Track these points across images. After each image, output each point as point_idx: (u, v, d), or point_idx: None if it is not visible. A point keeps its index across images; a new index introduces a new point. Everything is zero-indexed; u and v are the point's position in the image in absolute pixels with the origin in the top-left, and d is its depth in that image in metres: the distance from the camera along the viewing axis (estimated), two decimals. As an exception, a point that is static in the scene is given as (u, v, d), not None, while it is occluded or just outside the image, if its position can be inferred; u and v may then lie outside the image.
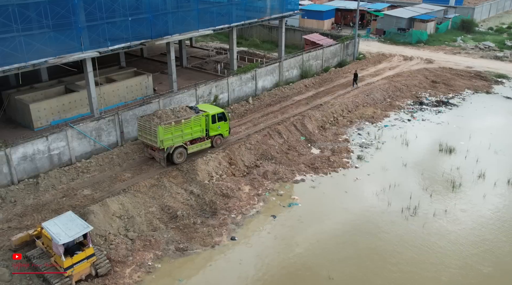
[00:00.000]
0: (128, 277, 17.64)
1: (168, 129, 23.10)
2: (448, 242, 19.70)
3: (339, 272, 17.87)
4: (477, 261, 18.55)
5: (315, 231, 20.46)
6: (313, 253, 19.08)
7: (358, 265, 18.35)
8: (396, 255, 18.95)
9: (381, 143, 28.94)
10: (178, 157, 24.15)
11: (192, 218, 21.04)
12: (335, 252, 19.17)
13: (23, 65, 23.49)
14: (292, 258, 18.78)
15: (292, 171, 25.33)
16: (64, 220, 16.92)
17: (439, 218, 21.48)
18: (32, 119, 26.89)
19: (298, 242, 19.74)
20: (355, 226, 20.89)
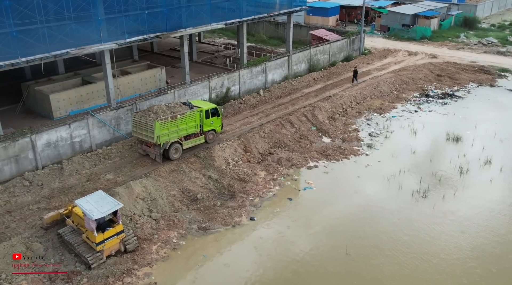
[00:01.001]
0: (155, 253, 18.65)
1: (164, 125, 23.13)
2: (458, 224, 20.74)
3: (356, 249, 18.90)
4: (486, 239, 19.60)
5: (330, 212, 21.51)
6: (330, 231, 20.13)
7: (373, 243, 19.39)
8: (409, 234, 19.98)
9: (389, 132, 30.01)
10: (174, 153, 24.19)
11: (211, 200, 22.07)
12: (351, 231, 20.20)
13: (45, 56, 24.44)
14: (310, 236, 19.82)
15: (305, 158, 26.38)
16: (95, 198, 17.95)
17: (448, 200, 22.52)
18: (52, 109, 27.88)
19: (315, 222, 20.79)
20: (368, 207, 21.95)
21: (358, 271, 17.71)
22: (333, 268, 17.92)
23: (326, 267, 18.04)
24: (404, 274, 17.54)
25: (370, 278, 17.37)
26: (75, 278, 17.12)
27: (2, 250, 17.47)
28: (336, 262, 18.26)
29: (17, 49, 23.14)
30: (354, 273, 17.58)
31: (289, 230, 20.29)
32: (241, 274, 17.71)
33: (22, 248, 17.83)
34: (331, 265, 18.12)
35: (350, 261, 18.26)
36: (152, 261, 18.16)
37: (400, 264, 18.09)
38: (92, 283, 16.98)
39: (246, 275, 17.64)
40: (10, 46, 22.84)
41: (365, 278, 17.38)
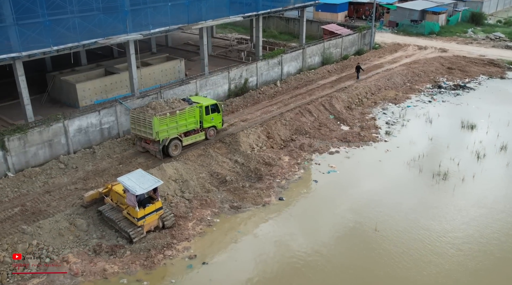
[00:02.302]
0: (191, 229, 19.66)
1: (163, 121, 22.93)
2: (478, 204, 21.77)
3: (383, 226, 19.94)
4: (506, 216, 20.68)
5: (355, 192, 22.57)
6: (357, 210, 21.17)
7: (399, 220, 20.45)
8: (433, 212, 21.05)
9: (406, 121, 31.08)
10: (174, 149, 23.99)
11: (240, 182, 23.10)
12: (377, 209, 21.24)
13: (75, 45, 25.51)
14: (338, 214, 20.88)
15: (326, 144, 27.43)
16: (136, 175, 18.97)
17: (468, 182, 23.56)
18: (78, 98, 28.88)
19: (341, 201, 21.85)
20: (391, 188, 23.01)
21: (388, 246, 18.69)
22: (363, 244, 18.89)
23: (355, 241, 19.04)
24: (426, 249, 18.58)
25: (399, 252, 18.37)
26: (119, 251, 18.12)
27: (47, 225, 18.46)
28: (366, 236, 19.27)
29: (50, 38, 24.18)
30: (385, 248, 18.58)
31: (317, 209, 21.33)
32: (274, 249, 18.72)
33: (66, 224, 18.84)
34: (361, 240, 19.11)
35: (379, 237, 19.27)
36: (189, 236, 19.17)
37: (423, 241, 19.09)
38: (135, 255, 17.97)
39: (280, 249, 18.64)
40: (43, 35, 23.88)
41: (395, 252, 18.37)
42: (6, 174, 22.26)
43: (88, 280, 16.79)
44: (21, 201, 20.46)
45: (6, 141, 22.07)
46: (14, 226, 18.65)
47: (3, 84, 31.64)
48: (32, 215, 19.48)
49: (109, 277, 16.91)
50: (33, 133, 23.20)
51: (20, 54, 23.27)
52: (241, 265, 17.76)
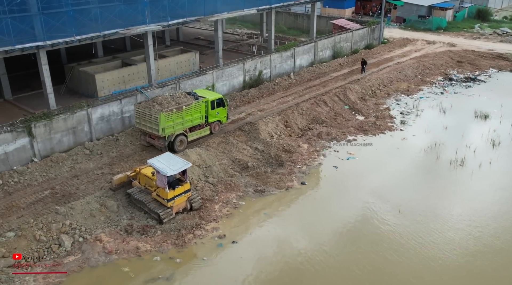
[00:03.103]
0: (218, 211, 20.24)
1: (169, 117, 22.58)
2: (497, 187, 22.37)
3: (407, 207, 20.55)
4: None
5: (376, 177, 23.21)
6: (379, 193, 21.83)
7: (422, 202, 21.11)
8: (453, 195, 21.72)
9: (420, 111, 31.72)
10: (179, 145, 23.66)
11: (262, 168, 23.70)
12: (399, 192, 21.90)
13: (96, 35, 26.10)
14: (362, 197, 21.50)
15: (343, 132, 28.04)
16: (165, 158, 19.55)
17: (485, 168, 24.17)
18: (97, 89, 29.43)
19: (363, 185, 22.47)
20: (410, 174, 23.73)
21: (413, 229, 19.26)
22: (387, 226, 19.46)
23: (379, 222, 19.62)
24: (446, 228, 19.26)
25: (423, 233, 18.96)
26: (150, 231, 18.69)
27: (79, 207, 19.03)
28: (390, 218, 19.85)
29: (73, 27, 24.75)
30: (410, 230, 19.18)
31: (339, 192, 21.97)
32: (301, 229, 19.32)
33: (97, 205, 19.41)
34: (385, 221, 19.69)
35: (402, 218, 19.86)
36: (217, 218, 19.75)
37: (445, 221, 19.70)
38: (166, 235, 18.55)
39: (306, 230, 19.24)
40: (66, 25, 24.45)
41: (419, 232, 18.97)
42: (32, 160, 22.81)
43: (122, 258, 17.35)
44: (50, 184, 21.03)
45: (33, 128, 22.63)
46: (46, 208, 19.23)
47: (21, 76, 32.21)
48: (62, 197, 20.06)
49: (142, 255, 17.48)
50: (58, 120, 23.78)
51: (45, 43, 23.81)
52: (270, 244, 18.33)
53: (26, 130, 22.48)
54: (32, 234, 17.44)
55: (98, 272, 16.70)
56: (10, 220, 18.41)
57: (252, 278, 16.50)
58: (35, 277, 16.25)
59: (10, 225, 18.05)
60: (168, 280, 16.44)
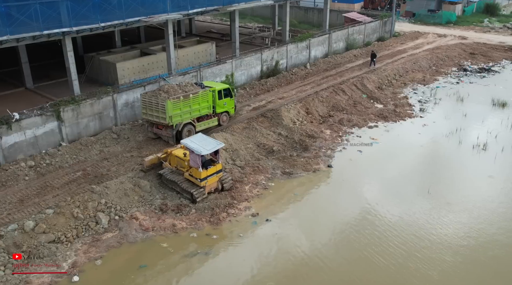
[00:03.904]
0: (249, 191, 20.65)
1: (176, 104, 22.35)
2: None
3: (436, 189, 20.99)
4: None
5: (402, 160, 23.80)
6: (406, 175, 22.32)
7: (449, 183, 21.64)
8: (479, 177, 22.16)
9: (437, 99, 32.17)
10: (187, 135, 23.07)
11: (287, 152, 24.10)
12: (423, 176, 22.28)
13: (120, 23, 26.50)
14: (389, 179, 21.95)
15: (363, 119, 28.48)
16: (198, 138, 19.96)
17: (508, 152, 24.61)
18: (118, 78, 29.81)
19: (389, 168, 22.97)
20: (435, 157, 24.24)
21: (439, 210, 19.69)
22: (416, 208, 19.87)
23: (409, 203, 20.05)
24: (475, 207, 19.78)
25: (456, 210, 19.41)
26: (184, 209, 19.08)
27: (113, 186, 19.41)
28: (420, 198, 20.29)
29: (98, 14, 25.14)
30: (439, 210, 19.64)
31: (367, 174, 22.41)
32: (333, 208, 19.79)
33: (130, 185, 19.80)
34: (415, 201, 20.12)
35: (431, 199, 20.29)
36: (248, 198, 20.15)
37: (475, 202, 20.15)
38: (200, 213, 18.95)
39: (339, 209, 19.71)
40: (91, 11, 24.85)
41: (451, 209, 19.42)
42: (60, 144, 23.19)
43: (160, 234, 17.74)
44: (81, 166, 21.43)
45: (61, 112, 23.03)
46: (80, 188, 19.62)
47: (39, 66, 32.60)
48: (95, 178, 20.44)
49: (179, 232, 17.87)
50: (86, 106, 24.19)
51: (71, 29, 24.21)
52: (303, 222, 18.74)
53: (55, 114, 22.88)
54: (69, 211, 17.80)
55: (137, 247, 17.09)
56: (46, 199, 18.80)
57: (288, 253, 16.88)
58: (77, 251, 16.64)
59: (47, 203, 18.44)
60: (207, 254, 16.82)
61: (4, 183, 19.75)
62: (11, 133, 21.51)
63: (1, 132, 21.11)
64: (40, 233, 16.85)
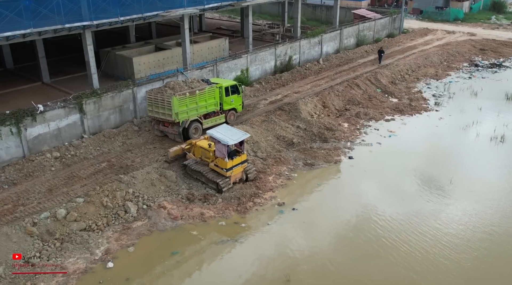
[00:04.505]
0: (273, 181, 20.97)
1: (183, 101, 22.13)
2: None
3: (457, 178, 21.33)
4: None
5: (422, 151, 24.23)
6: (427, 165, 22.69)
7: (470, 173, 22.09)
8: (499, 167, 22.48)
9: (451, 94, 32.54)
10: (194, 132, 23.20)
11: (307, 144, 24.42)
12: (446, 165, 22.67)
13: (139, 17, 26.81)
14: (411, 169, 22.28)
15: (380, 112, 28.83)
16: (223, 129, 20.26)
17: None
18: (134, 72, 30.13)
19: (410, 159, 23.34)
20: (454, 149, 24.65)
21: (460, 199, 20.06)
22: (435, 197, 20.23)
23: (431, 192, 20.41)
24: (498, 196, 20.11)
25: (476, 200, 19.77)
26: (211, 199, 19.39)
27: (140, 176, 19.72)
28: (441, 188, 20.62)
29: (117, 8, 25.47)
30: (462, 200, 20.01)
31: (388, 165, 22.78)
32: (357, 197, 20.10)
33: (156, 175, 20.10)
34: (438, 192, 20.47)
35: (454, 188, 20.63)
36: (273, 187, 20.48)
37: (497, 191, 20.51)
38: (227, 203, 19.28)
39: (360, 199, 20.04)
40: (111, 5, 25.17)
41: (473, 201, 19.79)
42: (82, 136, 23.48)
43: (189, 223, 18.05)
44: (105, 157, 21.74)
45: (84, 104, 23.33)
46: (106, 178, 19.91)
47: (54, 62, 32.87)
48: (120, 168, 20.75)
49: (207, 220, 18.18)
50: (107, 98, 24.49)
51: (91, 23, 24.51)
52: (329, 211, 19.09)
53: (78, 107, 23.19)
54: (99, 200, 18.10)
55: (168, 235, 17.39)
56: (74, 188, 19.09)
57: (317, 240, 17.21)
58: (109, 239, 16.94)
59: (75, 192, 18.73)
60: (237, 242, 17.14)
61: (31, 173, 20.05)
62: (35, 125, 21.82)
63: (26, 124, 21.41)
64: (72, 221, 17.15)
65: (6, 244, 15.58)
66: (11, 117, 20.85)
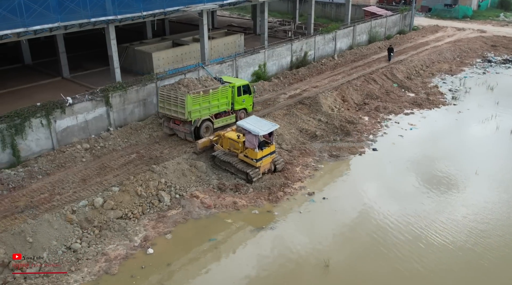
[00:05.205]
0: (300, 172, 21.41)
1: (196, 99, 21.87)
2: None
3: (482, 169, 21.80)
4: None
5: (444, 144, 24.75)
6: (451, 157, 23.14)
7: (495, 163, 22.56)
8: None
9: (468, 88, 33.02)
10: (205, 131, 23.01)
11: (331, 136, 24.87)
12: (470, 156, 23.16)
13: (160, 12, 27.24)
14: (435, 160, 22.78)
15: (399, 106, 29.30)
16: (252, 120, 20.70)
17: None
18: (153, 67, 30.55)
19: (433, 150, 23.88)
20: (476, 141, 25.12)
21: (489, 188, 20.55)
22: (467, 187, 20.72)
23: (458, 181, 20.87)
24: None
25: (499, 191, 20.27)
26: (242, 188, 19.82)
27: (171, 167, 20.13)
28: (468, 178, 21.11)
29: (140, 3, 25.91)
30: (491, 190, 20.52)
31: (412, 156, 23.25)
32: (387, 185, 20.56)
33: (187, 166, 20.53)
34: (464, 181, 20.95)
35: (479, 178, 21.08)
36: (301, 178, 20.91)
37: None
38: (258, 192, 19.72)
39: (388, 187, 20.50)
40: (134, 0, 25.59)
41: (497, 191, 20.27)
42: (108, 129, 23.89)
43: (222, 211, 18.47)
44: (133, 149, 22.17)
45: (110, 97, 23.74)
46: (137, 168, 20.34)
47: (70, 57, 33.27)
48: (150, 159, 21.17)
49: (240, 209, 18.60)
50: (131, 92, 24.91)
51: (116, 17, 24.92)
52: (359, 200, 19.52)
53: (105, 100, 23.59)
54: (133, 189, 18.51)
55: (203, 223, 17.81)
56: (107, 178, 19.51)
57: (353, 227, 17.65)
58: (146, 227, 17.34)
59: (109, 182, 19.14)
60: (272, 229, 17.56)
61: (63, 164, 20.46)
62: (64, 118, 22.23)
63: (55, 116, 21.82)
64: (109, 209, 17.56)
65: (48, 231, 15.98)
66: (42, 110, 21.25)
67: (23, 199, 17.96)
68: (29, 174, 19.36)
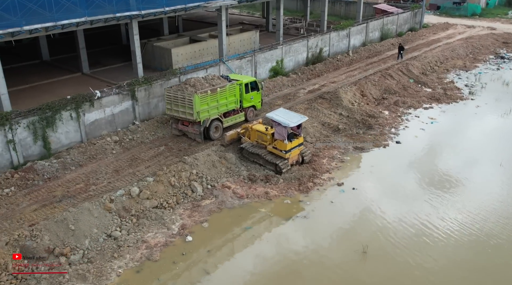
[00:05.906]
0: (327, 164, 21.85)
1: (204, 99, 21.49)
2: None
3: (507, 160, 22.23)
4: None
5: (464, 137, 25.18)
6: (474, 150, 23.65)
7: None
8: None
9: (483, 83, 33.53)
10: (215, 132, 22.63)
11: (354, 129, 25.31)
12: (494, 148, 23.68)
13: (182, 7, 27.68)
14: (460, 151, 23.29)
15: (417, 101, 29.78)
16: (281, 112, 21.14)
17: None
18: (172, 63, 30.95)
19: (456, 142, 24.41)
20: (497, 134, 25.61)
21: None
22: (485, 177, 21.17)
23: (485, 172, 21.33)
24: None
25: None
26: (272, 179, 20.24)
27: (202, 158, 20.55)
28: (494, 170, 21.55)
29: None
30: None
31: (436, 149, 23.75)
32: (415, 175, 21.01)
33: (216, 158, 20.95)
34: (490, 173, 21.40)
35: (503, 170, 21.55)
36: (329, 169, 21.35)
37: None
38: (288, 183, 20.14)
39: (417, 178, 20.91)
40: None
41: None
42: (133, 122, 24.30)
43: (255, 201, 18.90)
44: (161, 142, 22.58)
45: (136, 91, 24.15)
46: (167, 160, 20.75)
47: (89, 54, 33.69)
48: (179, 152, 21.59)
49: (272, 199, 19.02)
50: (156, 86, 25.34)
51: (140, 13, 25.35)
52: (387, 190, 19.97)
53: (131, 93, 24.01)
54: (167, 180, 18.92)
55: (237, 212, 18.23)
56: (140, 169, 19.92)
57: (388, 214, 18.08)
58: (181, 216, 17.75)
59: (142, 173, 19.55)
60: (306, 218, 17.99)
61: (94, 156, 20.86)
62: (92, 111, 22.64)
63: (84, 110, 22.22)
64: (145, 199, 17.96)
65: (89, 219, 16.37)
66: (72, 103, 21.65)
67: (59, 189, 18.34)
68: (62, 165, 19.76)
